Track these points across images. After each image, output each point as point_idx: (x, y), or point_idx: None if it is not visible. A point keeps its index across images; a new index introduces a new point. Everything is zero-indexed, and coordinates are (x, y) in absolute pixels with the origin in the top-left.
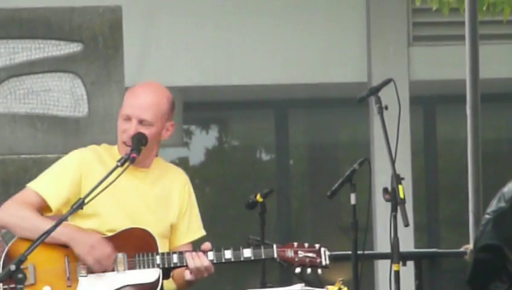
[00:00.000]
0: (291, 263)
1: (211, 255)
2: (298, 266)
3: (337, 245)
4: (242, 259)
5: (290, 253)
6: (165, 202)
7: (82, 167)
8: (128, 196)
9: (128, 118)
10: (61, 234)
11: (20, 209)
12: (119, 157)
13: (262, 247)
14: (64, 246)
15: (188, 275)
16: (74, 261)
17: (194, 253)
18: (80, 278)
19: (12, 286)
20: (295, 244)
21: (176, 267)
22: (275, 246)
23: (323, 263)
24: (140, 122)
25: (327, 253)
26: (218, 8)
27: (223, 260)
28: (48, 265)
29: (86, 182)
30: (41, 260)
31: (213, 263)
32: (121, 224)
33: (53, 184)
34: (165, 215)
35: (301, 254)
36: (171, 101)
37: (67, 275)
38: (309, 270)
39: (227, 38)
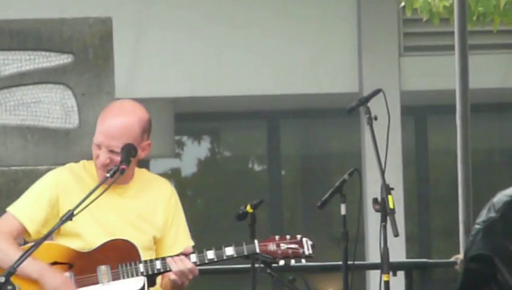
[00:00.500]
0: (274, 256)
1: (193, 257)
2: (282, 259)
3: (328, 256)
4: (225, 257)
5: (272, 246)
6: (148, 215)
7: (58, 188)
8: (107, 213)
9: (97, 146)
10: (32, 270)
11: None
12: (95, 175)
13: (244, 244)
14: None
15: (172, 277)
16: None
17: (176, 257)
18: None
19: None
20: (276, 237)
21: (159, 273)
22: (256, 241)
23: (306, 253)
24: (111, 151)
25: (309, 243)
26: (208, 19)
27: (206, 261)
28: (33, 285)
29: (64, 202)
30: (26, 281)
31: (197, 265)
32: (103, 242)
33: (30, 208)
34: (148, 228)
35: (283, 246)
36: (145, 121)
37: None
38: (293, 261)
39: (217, 49)
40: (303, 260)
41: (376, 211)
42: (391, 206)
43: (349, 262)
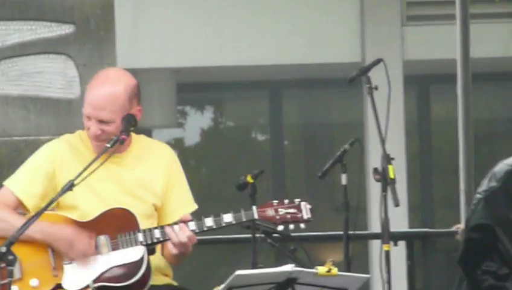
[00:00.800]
0: (272, 221)
1: (192, 225)
2: (280, 224)
3: (331, 226)
4: (223, 225)
5: (270, 212)
6: (146, 183)
7: (55, 161)
8: (105, 183)
9: (87, 118)
10: (35, 232)
11: None
12: (90, 143)
13: (242, 210)
14: None
15: (172, 250)
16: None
17: (174, 226)
18: (65, 266)
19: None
20: (274, 202)
21: (159, 242)
22: (254, 207)
23: (305, 217)
24: (100, 121)
25: (308, 206)
26: None
27: (205, 228)
28: (33, 258)
29: (62, 175)
30: (26, 254)
31: (195, 233)
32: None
33: (27, 183)
34: (147, 196)
35: (282, 211)
36: (132, 87)
37: (53, 265)
38: (292, 226)
39: (218, 19)
40: (302, 225)
41: (376, 181)
42: (391, 176)
43: (350, 232)
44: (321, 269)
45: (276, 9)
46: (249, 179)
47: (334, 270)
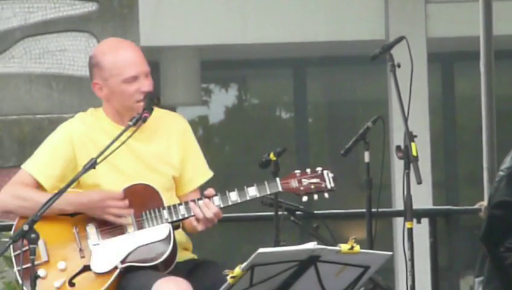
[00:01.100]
0: (296, 193)
1: (216, 200)
2: (304, 195)
3: (355, 203)
4: (248, 198)
5: (294, 183)
6: (164, 155)
7: (72, 142)
8: (125, 159)
9: (134, 79)
10: (66, 204)
11: (17, 190)
12: (106, 120)
13: (265, 182)
14: (70, 215)
15: (198, 226)
16: (83, 230)
17: (200, 202)
18: (92, 247)
19: (26, 248)
20: (297, 173)
21: (184, 218)
22: (277, 179)
23: (329, 187)
24: (146, 75)
25: (331, 175)
26: None
27: (230, 203)
28: (58, 240)
29: (81, 153)
30: (51, 236)
31: (220, 208)
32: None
33: (45, 165)
34: (165, 169)
35: (305, 181)
36: None
37: (79, 246)
38: (316, 196)
39: None
40: (326, 194)
41: (399, 159)
42: (414, 153)
43: (373, 209)
44: (344, 247)
45: None
46: (272, 156)
47: (357, 248)
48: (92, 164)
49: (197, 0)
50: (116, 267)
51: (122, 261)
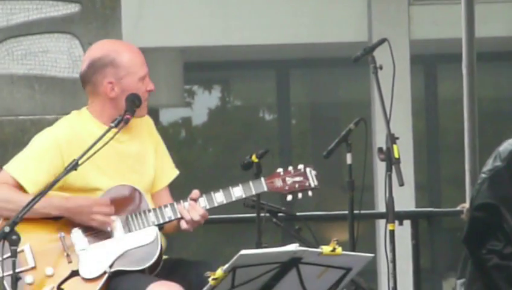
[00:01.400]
0: (281, 192)
1: (202, 201)
2: (289, 194)
3: (338, 205)
4: (234, 199)
5: (278, 182)
6: (143, 157)
7: (61, 146)
8: (110, 160)
9: (144, 77)
10: (52, 209)
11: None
12: (94, 122)
13: (250, 182)
14: (55, 220)
15: (184, 225)
16: (69, 235)
17: (185, 204)
18: (79, 252)
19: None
20: (281, 171)
21: (170, 221)
22: (262, 178)
23: (312, 185)
24: (149, 76)
25: (313, 173)
26: None
27: (216, 204)
28: (45, 245)
29: (70, 158)
30: (37, 241)
31: (206, 209)
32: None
33: (29, 169)
34: (146, 171)
35: (289, 180)
36: None
37: (66, 251)
38: (300, 195)
39: None
40: (310, 193)
41: (381, 161)
42: (396, 155)
43: (355, 211)
44: (325, 249)
45: None
46: (254, 158)
47: (339, 250)
48: (74, 166)
49: (179, 2)
50: (104, 272)
51: (111, 266)
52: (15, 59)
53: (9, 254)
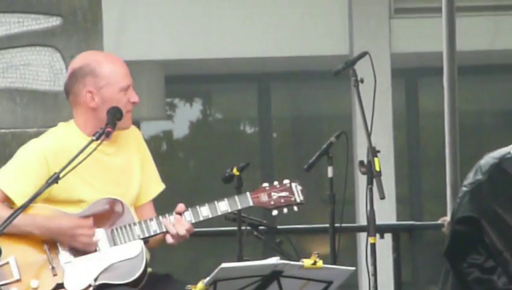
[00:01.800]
0: (267, 207)
1: (187, 215)
2: (274, 209)
3: (319, 218)
4: (219, 213)
5: (264, 197)
6: (129, 170)
7: (46, 159)
8: (94, 173)
9: (126, 89)
10: (33, 228)
11: None
12: (79, 134)
13: (236, 196)
14: None
15: (169, 239)
16: (54, 247)
17: (171, 217)
18: (64, 265)
19: None
20: (266, 186)
21: (156, 234)
22: (248, 193)
23: (298, 200)
24: (133, 87)
25: (299, 188)
26: None
27: (201, 218)
28: (30, 258)
29: (56, 170)
30: (22, 254)
31: (191, 223)
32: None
33: (16, 181)
34: (131, 184)
35: (275, 195)
36: None
37: (51, 264)
38: (285, 210)
39: (206, 12)
40: (295, 208)
41: (362, 174)
42: (377, 168)
43: (336, 224)
44: (306, 262)
45: (265, 2)
46: (235, 171)
47: (320, 263)
48: (55, 179)
49: (161, 15)
50: (89, 285)
51: (96, 279)
52: None
53: None
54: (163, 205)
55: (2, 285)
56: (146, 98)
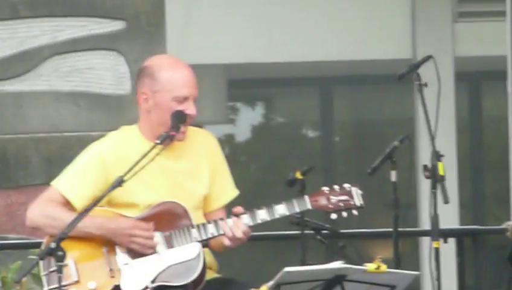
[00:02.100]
0: (325, 210)
1: (245, 218)
2: (333, 212)
3: (382, 222)
4: (277, 216)
5: (323, 201)
6: (194, 174)
7: (105, 160)
8: (156, 177)
9: (183, 100)
10: (93, 228)
11: (47, 208)
12: (139, 138)
13: (294, 200)
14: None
15: (226, 242)
16: (113, 250)
17: (228, 220)
18: (121, 267)
19: (52, 270)
20: (325, 190)
21: (214, 237)
22: (306, 196)
23: (358, 204)
24: (194, 100)
25: (359, 192)
26: None
27: (259, 221)
28: (88, 259)
29: (115, 173)
30: (81, 256)
31: (249, 226)
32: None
33: (76, 184)
34: (195, 187)
35: (334, 199)
36: None
37: (109, 266)
38: (344, 214)
39: (269, 15)
40: (355, 211)
41: (426, 178)
42: (441, 173)
43: (399, 229)
44: (370, 266)
45: (327, 6)
46: (298, 175)
47: (383, 267)
48: (119, 182)
49: (224, 19)
50: (146, 287)
51: (153, 281)
52: (61, 76)
53: (54, 268)
54: (225, 208)
55: (61, 287)
56: (208, 102)
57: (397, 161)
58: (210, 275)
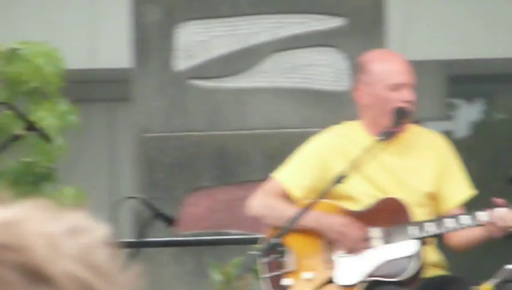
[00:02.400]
0: None
1: (466, 219)
2: None
3: None
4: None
5: None
6: (416, 171)
7: (325, 153)
8: (376, 171)
9: (398, 87)
10: (309, 221)
11: (267, 199)
12: (361, 133)
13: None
14: None
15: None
16: (329, 243)
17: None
18: (337, 259)
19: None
20: None
21: (434, 235)
22: None
23: None
24: (411, 87)
25: None
26: None
27: (477, 223)
28: (307, 250)
29: (333, 165)
30: (301, 246)
31: (469, 227)
32: (375, 201)
33: (295, 174)
34: (417, 184)
35: None
36: None
37: (326, 257)
38: None
39: (491, 11)
40: None
41: None
42: None
43: None
44: None
45: None
46: None
47: None
48: (339, 179)
49: (447, 15)
50: (361, 281)
51: (369, 275)
52: (281, 72)
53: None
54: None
55: (277, 275)
56: (427, 97)
57: None
58: (435, 272)
